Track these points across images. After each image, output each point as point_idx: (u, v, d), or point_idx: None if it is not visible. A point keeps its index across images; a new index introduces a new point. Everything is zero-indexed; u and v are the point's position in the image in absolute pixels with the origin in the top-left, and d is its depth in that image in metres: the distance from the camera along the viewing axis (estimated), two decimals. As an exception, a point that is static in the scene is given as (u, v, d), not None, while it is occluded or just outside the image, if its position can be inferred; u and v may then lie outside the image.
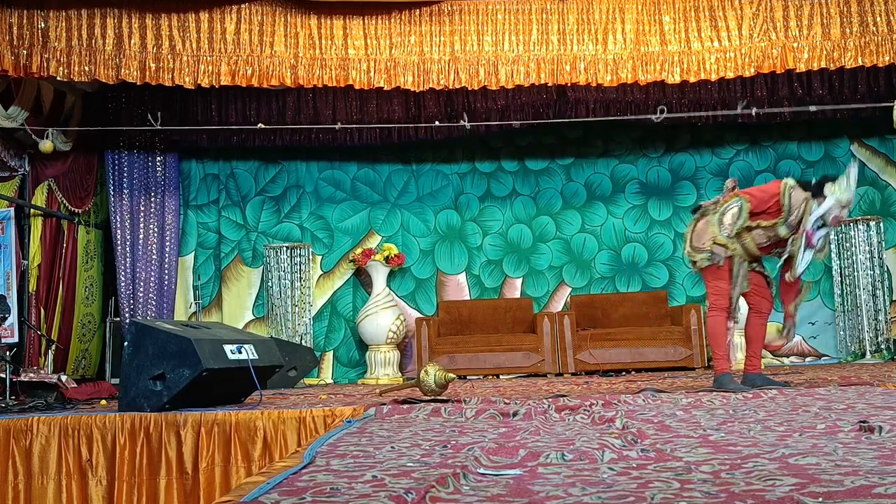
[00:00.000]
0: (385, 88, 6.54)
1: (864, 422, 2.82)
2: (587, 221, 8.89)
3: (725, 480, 1.93)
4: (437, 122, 7.61)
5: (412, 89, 6.60)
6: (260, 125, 7.33)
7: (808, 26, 6.56)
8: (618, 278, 8.81)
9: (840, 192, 4.59)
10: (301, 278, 8.50)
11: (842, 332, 8.36)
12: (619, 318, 8.30)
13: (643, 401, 4.20)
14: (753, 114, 7.37)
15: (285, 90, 7.65)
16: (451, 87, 6.61)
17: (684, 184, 8.87)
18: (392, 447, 2.77)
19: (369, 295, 8.45)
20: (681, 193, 8.85)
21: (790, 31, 6.58)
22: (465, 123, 7.37)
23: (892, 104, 6.53)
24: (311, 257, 8.64)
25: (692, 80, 6.67)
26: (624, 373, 7.61)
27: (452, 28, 6.64)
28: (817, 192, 4.66)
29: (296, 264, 8.51)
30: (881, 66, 6.56)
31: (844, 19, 6.53)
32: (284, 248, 8.55)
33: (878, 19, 6.49)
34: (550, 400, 4.24)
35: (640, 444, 2.63)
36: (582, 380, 6.92)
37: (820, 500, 1.65)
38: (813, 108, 7.22)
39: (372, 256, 8.33)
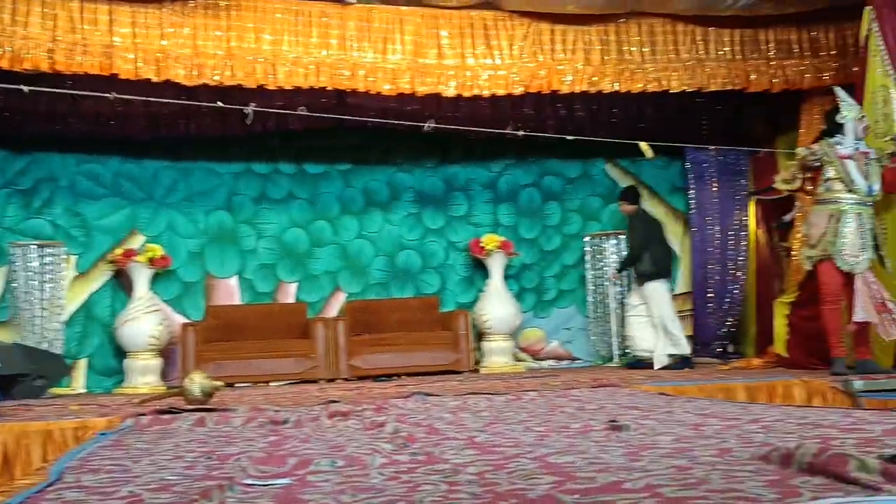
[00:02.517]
0: (153, 80, 6.20)
1: (613, 421, 3.05)
2: (364, 227, 8.93)
3: (490, 481, 2.00)
4: (219, 103, 6.38)
5: (184, 83, 6.31)
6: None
7: (572, 51, 7.03)
8: (392, 284, 8.93)
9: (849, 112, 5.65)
10: (51, 279, 7.81)
11: (593, 338, 9.04)
12: (393, 323, 8.39)
13: (413, 405, 4.28)
14: (521, 135, 7.69)
15: (38, 75, 6.96)
16: (226, 84, 6.38)
17: (457, 194, 9.17)
18: (151, 460, 2.62)
19: (130, 298, 7.93)
20: (454, 203, 9.14)
21: (556, 54, 7.01)
22: (248, 109, 6.74)
23: (637, 142, 7.10)
24: (63, 257, 7.96)
25: (466, 94, 6.90)
26: (396, 377, 7.71)
27: (230, 23, 6.43)
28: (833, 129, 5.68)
29: (46, 264, 7.80)
30: (634, 92, 7.16)
31: (604, 47, 7.07)
32: (33, 247, 7.81)
33: (633, 49, 7.10)
34: (322, 406, 4.20)
35: (411, 448, 2.66)
36: (354, 385, 6.93)
37: (577, 496, 1.75)
38: (570, 138, 7.54)
39: (134, 258, 7.83)
